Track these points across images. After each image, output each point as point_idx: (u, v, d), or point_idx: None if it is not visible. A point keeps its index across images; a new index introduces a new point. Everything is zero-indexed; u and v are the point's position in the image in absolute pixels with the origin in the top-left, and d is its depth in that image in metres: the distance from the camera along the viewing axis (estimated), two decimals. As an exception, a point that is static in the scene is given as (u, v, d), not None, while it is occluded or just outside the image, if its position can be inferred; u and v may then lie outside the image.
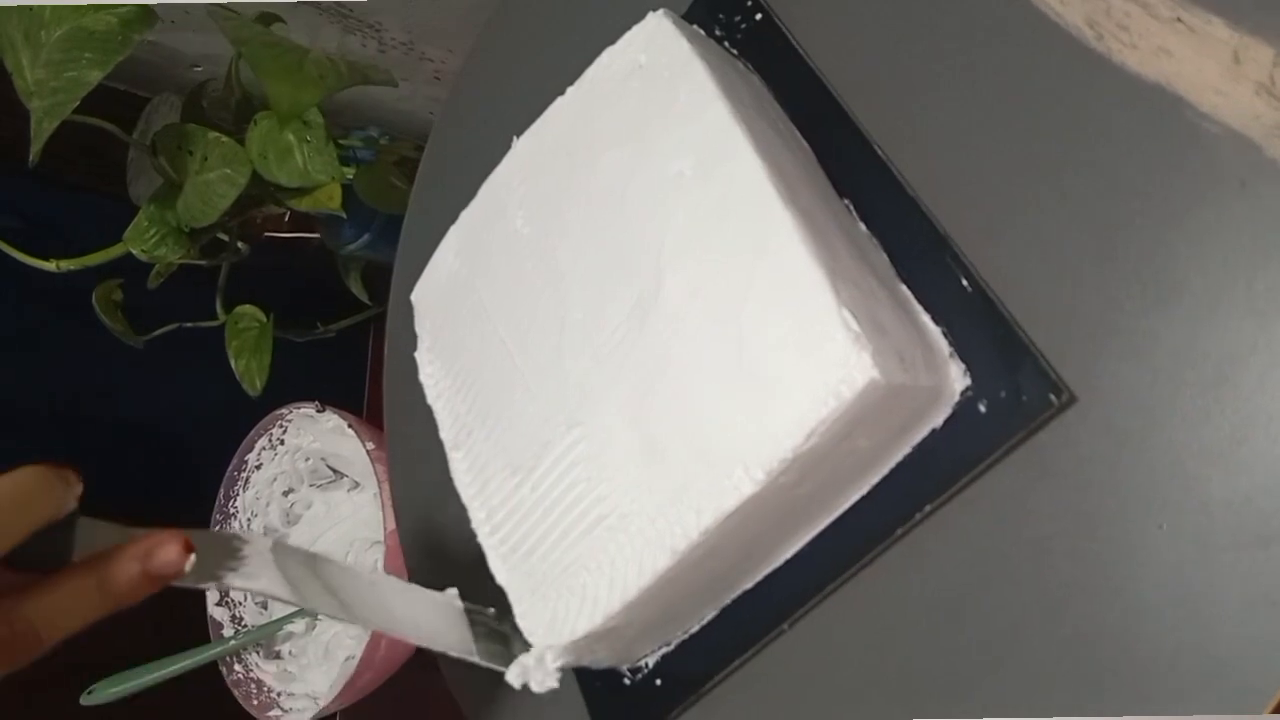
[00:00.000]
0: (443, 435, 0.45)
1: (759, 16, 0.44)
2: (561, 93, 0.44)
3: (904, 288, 0.37)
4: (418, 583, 0.42)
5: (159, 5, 0.67)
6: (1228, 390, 0.30)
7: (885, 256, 0.38)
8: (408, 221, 0.65)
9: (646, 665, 0.42)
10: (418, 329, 0.50)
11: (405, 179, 0.87)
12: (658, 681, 0.42)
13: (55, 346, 0.95)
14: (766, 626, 0.39)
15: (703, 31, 0.45)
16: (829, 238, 0.35)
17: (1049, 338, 0.34)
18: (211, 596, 0.91)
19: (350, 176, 0.84)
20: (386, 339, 0.63)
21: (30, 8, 0.60)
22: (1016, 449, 0.34)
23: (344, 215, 0.84)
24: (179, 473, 1.05)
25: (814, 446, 0.32)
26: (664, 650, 0.41)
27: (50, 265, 0.78)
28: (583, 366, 0.39)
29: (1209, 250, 0.31)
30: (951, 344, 0.35)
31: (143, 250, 0.80)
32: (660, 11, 0.42)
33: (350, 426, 0.83)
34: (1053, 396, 0.33)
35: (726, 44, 0.45)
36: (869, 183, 0.39)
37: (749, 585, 0.39)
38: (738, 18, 0.45)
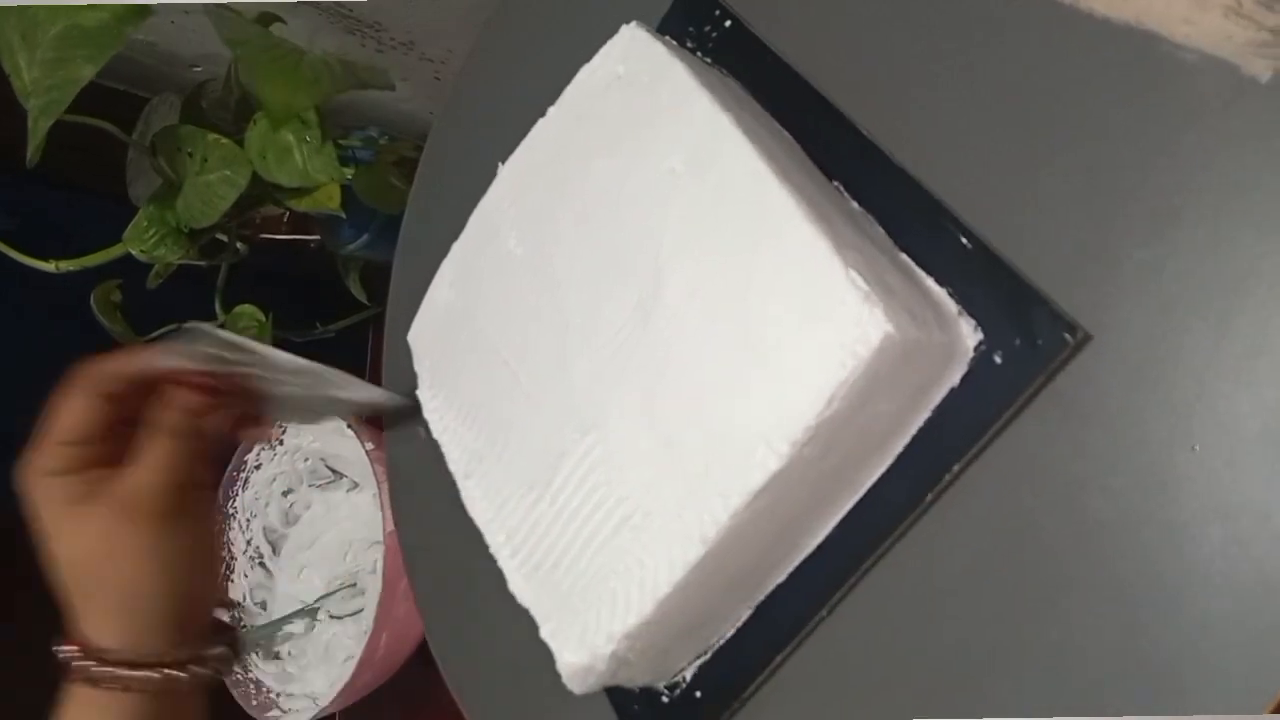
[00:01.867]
0: (451, 468, 0.45)
1: (728, 24, 0.44)
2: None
3: (904, 256, 0.37)
4: (419, 586, 0.42)
5: (157, 4, 0.67)
6: (1237, 305, 0.30)
7: (882, 230, 0.37)
8: (406, 221, 0.65)
9: (685, 679, 0.40)
10: (417, 368, 0.49)
11: (404, 179, 0.87)
12: (698, 694, 0.40)
13: (54, 347, 0.94)
14: (805, 617, 0.37)
15: (675, 44, 0.45)
16: (825, 213, 0.35)
17: (1053, 281, 0.33)
18: (211, 597, 0.91)
19: (349, 177, 0.84)
20: (385, 339, 0.63)
21: (26, 8, 0.60)
22: (1038, 395, 0.33)
23: (343, 215, 0.84)
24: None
25: (836, 412, 0.31)
26: (701, 660, 0.40)
27: (49, 266, 0.78)
28: (588, 371, 0.39)
29: (1201, 173, 0.31)
30: (958, 303, 0.35)
31: (142, 251, 0.80)
32: (633, 23, 0.42)
33: (349, 427, 0.83)
34: (1067, 335, 0.32)
35: (699, 54, 0.45)
36: (855, 161, 0.39)
37: (782, 578, 0.38)
38: (708, 27, 0.45)
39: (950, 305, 0.35)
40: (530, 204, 0.44)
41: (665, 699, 0.40)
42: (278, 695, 0.86)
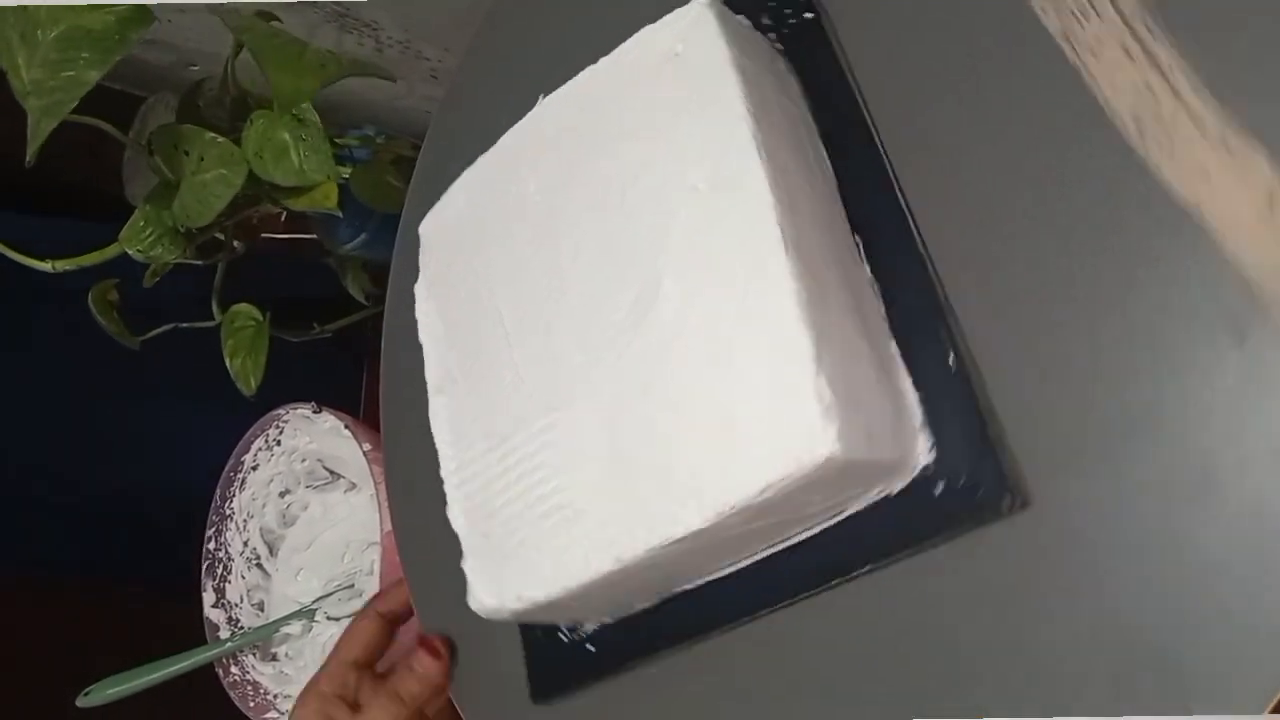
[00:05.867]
0: (428, 375, 0.46)
1: (809, 15, 0.43)
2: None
3: (893, 344, 0.37)
4: (415, 587, 0.43)
5: (156, 4, 0.67)
6: (1183, 540, 0.30)
7: (882, 306, 0.38)
8: (404, 220, 0.64)
9: (584, 631, 0.44)
10: (421, 262, 0.49)
11: (402, 178, 0.87)
12: (590, 647, 0.43)
13: (50, 346, 0.94)
14: (697, 629, 0.40)
15: (749, 21, 0.43)
16: (826, 286, 0.35)
17: (1020, 435, 0.34)
18: (208, 598, 0.90)
19: (346, 176, 0.83)
20: (384, 339, 0.63)
21: (25, 7, 0.60)
22: (960, 537, 0.34)
23: (340, 214, 0.84)
24: (175, 473, 1.04)
25: (766, 500, 0.32)
26: (602, 621, 0.43)
27: (46, 265, 0.78)
28: (570, 353, 0.39)
29: (1195, 393, 0.30)
30: (925, 415, 0.35)
31: (139, 250, 0.80)
32: (705, 1, 0.40)
33: (347, 428, 0.83)
34: (1006, 499, 0.33)
35: (772, 35, 0.43)
36: (885, 226, 0.38)
37: (689, 587, 0.41)
38: (788, 10, 0.43)
39: (916, 414, 0.36)
40: (556, 157, 0.43)
41: (564, 639, 0.44)
42: (275, 697, 0.85)
